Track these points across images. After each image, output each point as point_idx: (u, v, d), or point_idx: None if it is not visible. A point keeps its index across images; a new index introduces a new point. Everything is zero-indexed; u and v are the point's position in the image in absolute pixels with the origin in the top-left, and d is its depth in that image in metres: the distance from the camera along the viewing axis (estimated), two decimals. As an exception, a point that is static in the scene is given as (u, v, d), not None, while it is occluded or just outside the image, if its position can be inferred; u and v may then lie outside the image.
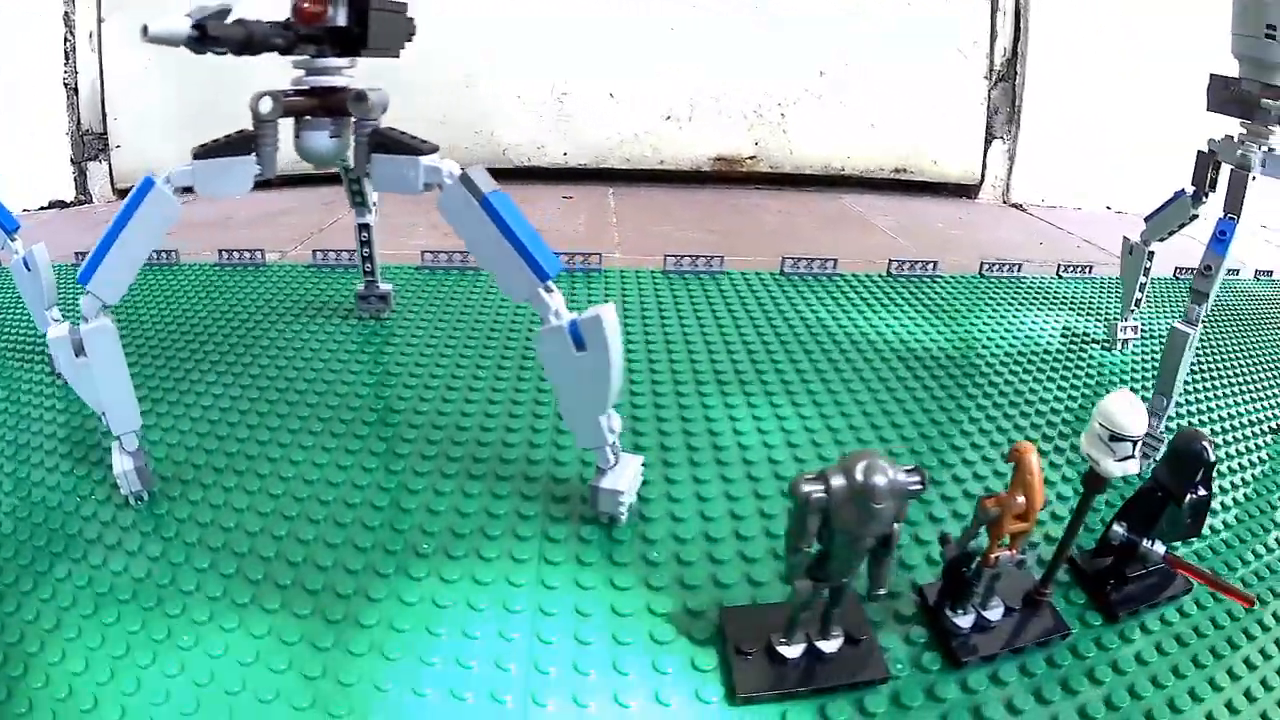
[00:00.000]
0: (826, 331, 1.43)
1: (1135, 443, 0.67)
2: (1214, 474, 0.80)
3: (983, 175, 2.69)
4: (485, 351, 1.20)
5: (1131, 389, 1.24)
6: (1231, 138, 1.01)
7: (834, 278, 1.69)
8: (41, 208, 1.98)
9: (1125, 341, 1.44)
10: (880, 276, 1.71)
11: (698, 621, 0.73)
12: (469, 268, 1.54)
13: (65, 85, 2.01)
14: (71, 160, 2.04)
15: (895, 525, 0.63)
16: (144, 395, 0.99)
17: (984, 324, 1.50)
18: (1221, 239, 0.96)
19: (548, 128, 2.62)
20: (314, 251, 1.55)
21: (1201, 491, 0.81)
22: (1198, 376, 1.36)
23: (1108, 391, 0.76)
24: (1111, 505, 0.92)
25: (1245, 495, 1.05)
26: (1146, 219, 1.31)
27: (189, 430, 0.95)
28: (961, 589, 0.75)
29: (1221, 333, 1.56)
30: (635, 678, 0.66)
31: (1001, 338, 1.45)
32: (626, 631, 0.70)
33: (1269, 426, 1.21)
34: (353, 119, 0.73)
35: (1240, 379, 1.36)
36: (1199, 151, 1.09)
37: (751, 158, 2.69)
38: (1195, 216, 1.20)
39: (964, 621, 0.76)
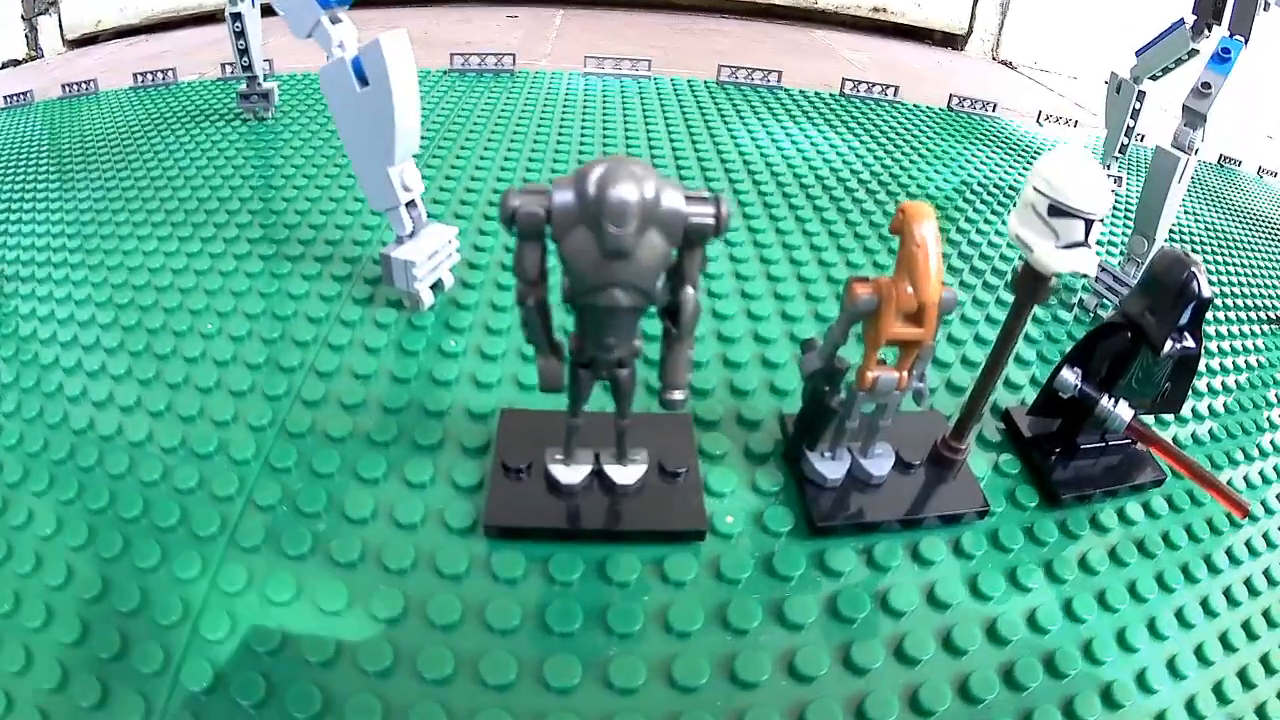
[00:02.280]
0: (759, 149, 1.19)
1: (1089, 225, 0.42)
2: (1205, 319, 0.56)
3: (971, 25, 2.38)
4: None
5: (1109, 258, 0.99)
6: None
7: (776, 90, 1.41)
8: (-4, 67, 1.99)
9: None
10: (831, 96, 1.43)
11: (476, 425, 0.59)
12: None
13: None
14: (22, 17, 2.02)
15: (689, 291, 0.41)
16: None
17: (946, 158, 1.25)
18: (1225, 57, 0.82)
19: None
20: (222, 65, 1.42)
21: (1188, 342, 0.57)
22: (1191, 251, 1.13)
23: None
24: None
25: (1239, 383, 0.83)
26: (1138, 52, 1.07)
27: (59, 234, 0.87)
28: (822, 421, 0.52)
29: (1224, 224, 1.33)
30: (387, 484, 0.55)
31: (961, 170, 1.22)
32: (382, 431, 0.59)
33: (1269, 315, 1.00)
34: None
35: (1242, 269, 1.15)
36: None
37: (718, -19, 2.35)
38: (1195, 52, 0.99)
39: (829, 470, 0.53)
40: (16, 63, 2.01)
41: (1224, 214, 1.36)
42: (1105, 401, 0.58)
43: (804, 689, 0.46)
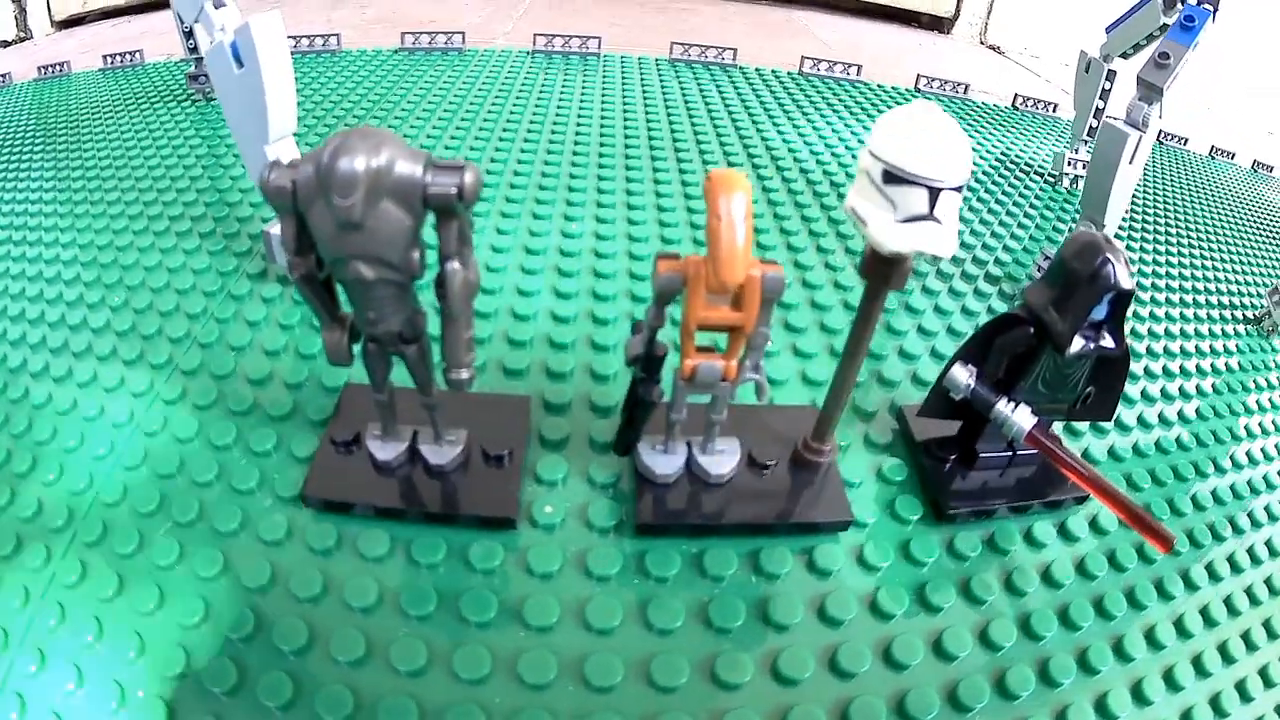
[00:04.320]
0: (714, 128, 1.11)
1: (934, 195, 0.34)
2: (1129, 312, 0.48)
3: (958, 9, 2.28)
4: (317, 135, 1.06)
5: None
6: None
7: (730, 69, 1.32)
8: (-17, 50, 2.01)
9: (1075, 178, 1.10)
10: (789, 75, 1.34)
11: (328, 399, 0.57)
12: (322, 51, 1.39)
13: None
14: None
15: (452, 265, 0.38)
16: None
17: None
18: (1189, 25, 0.77)
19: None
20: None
21: (1106, 341, 0.48)
22: (1166, 243, 1.04)
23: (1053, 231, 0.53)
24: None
25: (1214, 386, 0.75)
26: (1108, 29, 1.00)
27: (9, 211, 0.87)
28: (641, 412, 0.44)
29: (1205, 218, 1.24)
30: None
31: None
32: (239, 400, 0.58)
33: (1245, 315, 0.91)
34: None
35: (1219, 265, 1.06)
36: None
37: (695, -41, 2.25)
38: (1166, 26, 0.90)
39: (661, 465, 0.46)
40: (5, 44, 2.01)
41: (1208, 203, 1.27)
42: (1002, 405, 0.49)
43: (595, 697, 0.40)
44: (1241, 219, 1.26)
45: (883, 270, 0.38)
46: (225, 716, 0.40)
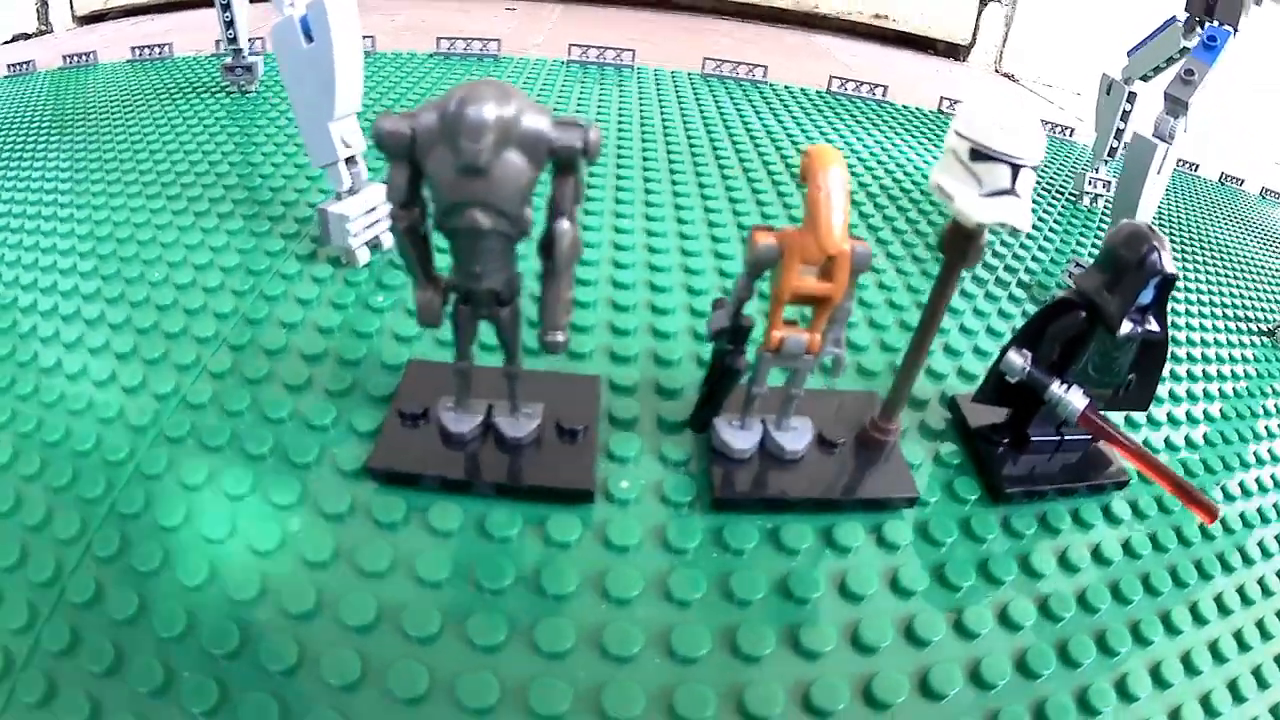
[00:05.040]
0: (750, 138, 1.14)
1: (1016, 171, 0.37)
2: (1171, 296, 0.51)
3: (974, 37, 2.33)
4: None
5: (1082, 261, 0.94)
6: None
7: (760, 85, 1.36)
8: (5, 42, 1.96)
9: (1095, 197, 1.13)
10: (818, 93, 1.38)
11: (389, 376, 0.58)
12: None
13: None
14: None
15: (564, 224, 0.39)
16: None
17: (932, 156, 1.19)
18: (1211, 45, 0.81)
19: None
20: (216, 41, 1.36)
21: (1151, 325, 0.51)
22: (1183, 259, 1.06)
23: (1076, 245, 0.54)
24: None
25: (1235, 391, 0.78)
26: (1129, 52, 1.03)
27: (38, 189, 0.88)
28: (726, 384, 0.46)
29: (1221, 235, 1.28)
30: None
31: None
32: (295, 375, 0.58)
33: (1260, 328, 0.94)
34: None
35: (1237, 280, 1.09)
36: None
37: (718, -15, 2.31)
38: (1187, 50, 0.93)
39: (737, 440, 0.48)
40: (26, 36, 2.02)
41: (1221, 226, 1.30)
42: (1056, 387, 0.52)
43: (680, 669, 0.41)
44: (1252, 240, 1.29)
45: (961, 245, 0.41)
46: (283, 695, 0.39)
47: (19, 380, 0.58)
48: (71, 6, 2.07)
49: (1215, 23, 0.82)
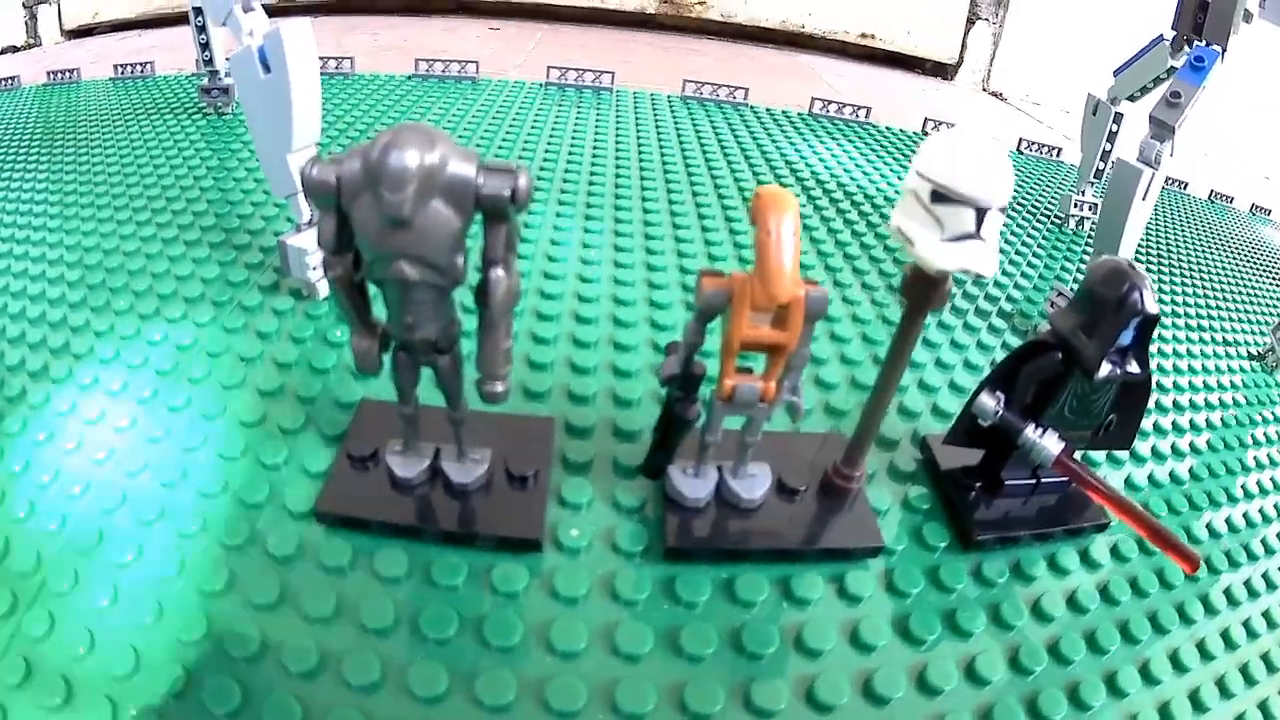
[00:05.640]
0: (727, 163, 1.11)
1: (981, 214, 0.35)
2: (1153, 335, 0.49)
3: (961, 56, 2.32)
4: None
5: (1065, 290, 0.92)
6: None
7: (740, 108, 1.35)
8: (-8, 55, 2.01)
9: (1081, 220, 1.12)
10: (800, 115, 1.36)
11: (341, 414, 0.56)
12: (335, 73, 1.42)
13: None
14: (24, 5, 2.01)
15: (497, 272, 0.37)
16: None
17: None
18: (1198, 65, 0.79)
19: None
20: (196, 60, 1.32)
21: (1132, 366, 0.49)
22: (1171, 282, 1.04)
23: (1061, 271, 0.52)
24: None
25: (1223, 420, 0.75)
26: (1116, 72, 1.01)
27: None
28: (677, 432, 0.44)
29: (1208, 258, 1.26)
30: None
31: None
32: (250, 412, 0.57)
33: (1249, 352, 0.92)
34: None
35: (1224, 304, 1.07)
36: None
37: (701, 3, 2.31)
38: (1174, 70, 0.91)
39: (691, 489, 0.46)
40: (14, 49, 2.02)
41: (1210, 246, 1.29)
42: (1030, 431, 0.50)
43: None
44: (1242, 259, 1.27)
45: (924, 290, 0.39)
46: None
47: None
48: (60, 20, 2.08)
49: (1203, 42, 0.80)
